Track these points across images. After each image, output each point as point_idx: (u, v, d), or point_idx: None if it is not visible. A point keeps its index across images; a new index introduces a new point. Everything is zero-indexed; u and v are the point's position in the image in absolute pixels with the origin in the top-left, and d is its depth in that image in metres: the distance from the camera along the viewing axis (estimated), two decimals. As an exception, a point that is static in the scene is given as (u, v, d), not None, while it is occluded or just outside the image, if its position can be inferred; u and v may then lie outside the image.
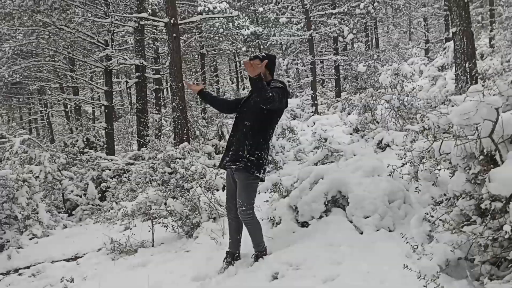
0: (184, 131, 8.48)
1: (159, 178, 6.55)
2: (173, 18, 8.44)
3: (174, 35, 8.46)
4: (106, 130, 14.81)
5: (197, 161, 7.22)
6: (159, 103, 16.69)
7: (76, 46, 16.52)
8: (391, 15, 34.26)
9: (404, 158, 4.00)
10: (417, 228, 3.27)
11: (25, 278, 5.36)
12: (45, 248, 6.31)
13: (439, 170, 3.72)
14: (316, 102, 19.17)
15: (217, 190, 6.61)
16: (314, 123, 14.50)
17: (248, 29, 30.50)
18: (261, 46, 32.07)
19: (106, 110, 15.34)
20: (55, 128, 30.18)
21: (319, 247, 3.76)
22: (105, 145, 14.91)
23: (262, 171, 3.82)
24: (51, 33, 15.00)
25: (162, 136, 12.64)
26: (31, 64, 17.78)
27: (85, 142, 14.25)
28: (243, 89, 37.01)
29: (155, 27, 15.77)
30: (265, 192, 5.05)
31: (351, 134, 10.82)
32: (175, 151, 6.89)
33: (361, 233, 4.01)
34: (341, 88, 23.18)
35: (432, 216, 3.00)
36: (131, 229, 5.83)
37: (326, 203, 4.37)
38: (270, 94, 3.41)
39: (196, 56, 28.23)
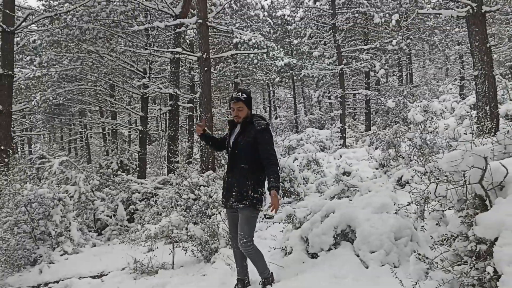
0: (210, 160, 8.87)
1: (183, 204, 6.90)
2: (205, 53, 8.98)
3: (206, 68, 8.98)
4: (139, 154, 15.42)
5: (220, 189, 7.55)
6: (192, 129, 17.29)
7: (117, 73, 17.44)
8: (427, 50, 34.31)
9: (421, 196, 4.20)
10: (414, 265, 3.46)
11: (54, 292, 5.75)
12: (74, 265, 6.70)
13: (443, 210, 3.91)
14: (344, 135, 19.33)
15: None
16: (341, 156, 14.69)
17: (283, 61, 31.12)
18: (295, 77, 32.67)
19: (140, 135, 16.01)
20: (92, 149, 31.37)
21: (325, 278, 3.97)
22: (138, 168, 15.52)
23: (263, 203, 4.07)
24: (94, 60, 15.96)
25: (192, 162, 13.09)
26: (74, 88, 18.79)
27: (119, 165, 14.90)
28: (276, 118, 37.57)
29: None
30: (279, 223, 5.31)
31: (376, 169, 10.94)
32: (200, 178, 7.25)
33: (367, 267, 4.19)
34: (371, 122, 23.25)
35: (421, 254, 3.19)
36: (153, 250, 6.17)
37: (336, 236, 4.59)
38: (277, 168, 3.91)
39: (230, 84, 29.01)
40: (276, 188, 3.75)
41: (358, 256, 4.36)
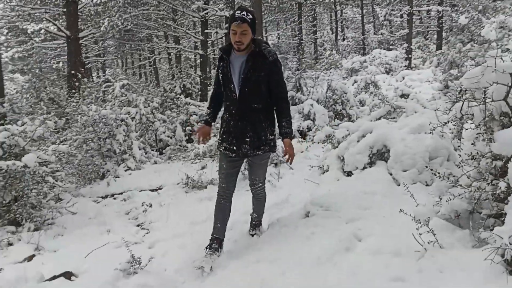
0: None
1: (233, 125, 7.18)
2: (255, -27, 8.80)
3: (256, -11, 8.84)
4: (200, 78, 15.81)
5: (271, 110, 7.72)
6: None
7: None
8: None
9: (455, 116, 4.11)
10: (437, 182, 3.50)
11: (117, 202, 6.42)
12: (136, 179, 7.34)
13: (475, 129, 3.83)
14: (410, 56, 18.40)
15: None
16: (403, 78, 14.16)
17: (351, -24, 29.40)
18: (363, -5, 30.80)
19: (201, 59, 16.30)
20: (161, 74, 32.41)
21: (355, 194, 4.12)
22: (200, 92, 16.01)
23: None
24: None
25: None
26: (139, 13, 19.18)
27: (182, 88, 15.44)
28: (343, 39, 36.21)
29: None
30: (318, 143, 5.45)
31: (441, 90, 10.52)
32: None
33: (398, 185, 4.28)
34: (442, 41, 21.80)
35: (442, 174, 3.21)
36: (204, 168, 6.61)
37: (371, 155, 4.66)
38: (290, 108, 3.49)
39: (294, 5, 28.07)
40: (290, 136, 3.38)
41: (391, 174, 4.44)
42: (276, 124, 3.51)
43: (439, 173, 3.22)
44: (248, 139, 3.39)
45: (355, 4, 35.89)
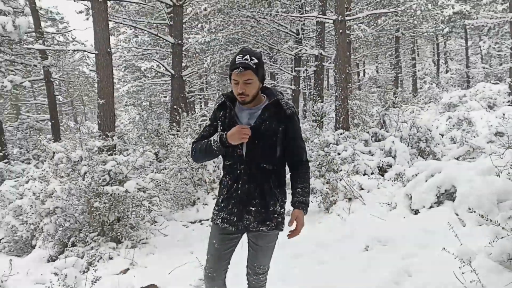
0: (341, 119, 9.22)
1: (314, 159, 7.55)
2: (340, 16, 9.13)
3: (341, 31, 9.16)
4: (292, 111, 16.40)
5: (352, 147, 7.95)
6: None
7: (273, 36, 18.54)
8: None
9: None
10: (492, 227, 3.55)
11: (204, 227, 7.06)
12: (222, 207, 7.95)
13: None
14: (514, 90, 17.34)
15: (364, 174, 7.30)
16: (504, 115, 13.39)
17: (453, 8, 28.60)
18: (468, 26, 29.67)
19: (293, 94, 16.96)
20: (257, 107, 33.72)
21: (415, 231, 4.27)
22: (290, 125, 16.56)
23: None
24: (253, 24, 17.26)
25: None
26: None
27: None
28: (446, 71, 34.85)
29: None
30: (388, 180, 5.61)
31: (544, 128, 9.92)
32: (330, 136, 7.75)
33: (464, 225, 4.32)
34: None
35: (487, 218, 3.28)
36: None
37: (439, 195, 4.75)
38: (310, 173, 2.76)
39: (391, 38, 27.81)
40: (304, 207, 2.68)
41: (457, 215, 4.49)
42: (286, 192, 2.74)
43: (483, 216, 3.29)
44: (253, 208, 2.60)
45: (458, 35, 34.54)
